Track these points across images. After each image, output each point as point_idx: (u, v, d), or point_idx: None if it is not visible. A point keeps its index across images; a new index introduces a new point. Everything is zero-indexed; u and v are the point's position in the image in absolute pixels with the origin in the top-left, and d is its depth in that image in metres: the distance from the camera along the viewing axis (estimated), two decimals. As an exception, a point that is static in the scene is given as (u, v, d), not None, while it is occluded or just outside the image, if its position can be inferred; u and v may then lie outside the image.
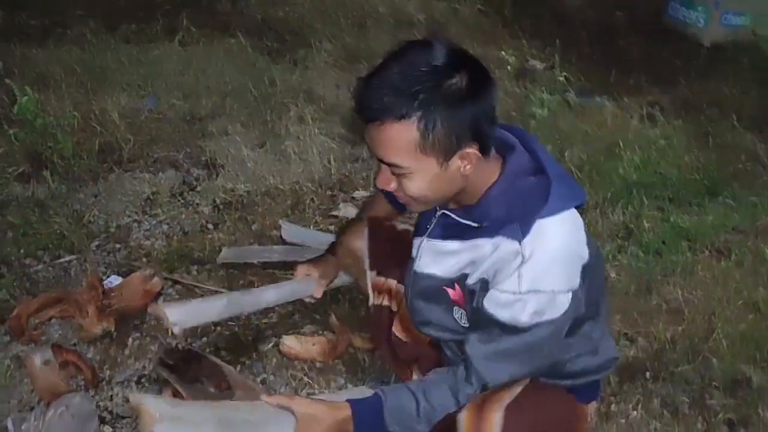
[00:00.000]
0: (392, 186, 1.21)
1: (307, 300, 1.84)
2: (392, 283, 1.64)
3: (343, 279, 1.91)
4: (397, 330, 1.67)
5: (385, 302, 1.67)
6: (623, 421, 1.81)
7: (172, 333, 1.75)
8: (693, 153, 3.06)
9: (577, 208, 1.22)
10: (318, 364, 1.98)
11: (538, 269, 1.15)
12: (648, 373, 1.95)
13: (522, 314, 1.17)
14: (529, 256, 1.15)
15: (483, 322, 1.24)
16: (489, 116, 1.15)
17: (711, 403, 1.88)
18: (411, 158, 1.13)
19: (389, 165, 1.17)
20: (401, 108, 1.09)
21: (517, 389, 1.32)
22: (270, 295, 1.84)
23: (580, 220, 1.23)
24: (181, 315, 1.69)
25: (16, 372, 1.90)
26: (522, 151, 1.24)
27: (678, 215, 2.61)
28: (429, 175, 1.16)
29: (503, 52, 3.76)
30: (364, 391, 1.40)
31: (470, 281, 1.26)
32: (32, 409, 1.69)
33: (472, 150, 1.15)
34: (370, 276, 1.69)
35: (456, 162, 1.16)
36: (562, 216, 1.17)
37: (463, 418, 1.27)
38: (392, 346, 1.69)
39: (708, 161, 3.01)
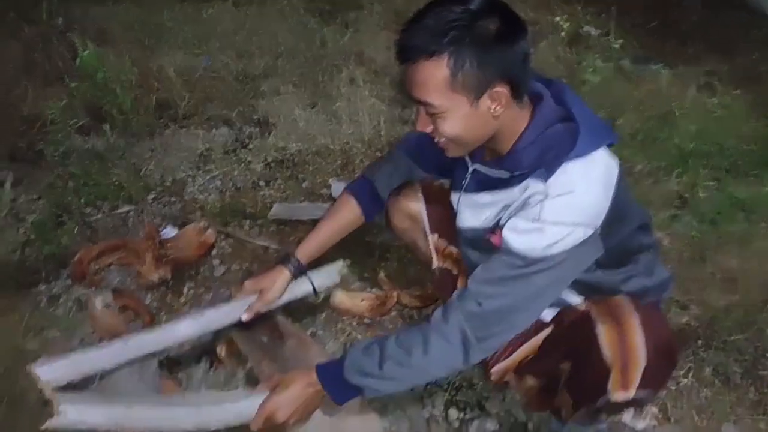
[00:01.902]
0: (429, 128, 1.25)
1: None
2: (453, 249, 1.65)
3: (292, 293, 1.69)
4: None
5: (448, 266, 1.69)
6: (673, 387, 1.80)
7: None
8: (751, 123, 2.97)
9: (608, 146, 1.24)
10: (366, 320, 2.01)
11: (560, 204, 1.18)
12: (700, 341, 1.92)
13: (536, 245, 1.20)
14: (554, 194, 1.19)
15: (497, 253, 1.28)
16: (520, 60, 1.18)
17: (764, 373, 1.85)
18: (442, 96, 1.17)
19: (424, 104, 1.21)
20: (432, 46, 1.14)
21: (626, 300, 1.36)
22: (184, 328, 1.59)
23: (611, 161, 1.24)
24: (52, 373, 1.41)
25: (78, 314, 1.99)
26: (549, 100, 1.26)
27: (734, 186, 2.54)
28: (461, 115, 1.20)
29: (557, 18, 3.68)
30: None
31: (501, 222, 1.30)
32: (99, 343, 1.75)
33: (502, 89, 1.18)
34: (432, 239, 1.70)
35: (486, 102, 1.19)
36: (589, 158, 1.20)
37: (603, 331, 1.30)
38: None
39: (767, 132, 2.91)
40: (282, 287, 1.64)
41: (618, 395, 1.25)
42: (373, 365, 1.30)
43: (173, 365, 1.81)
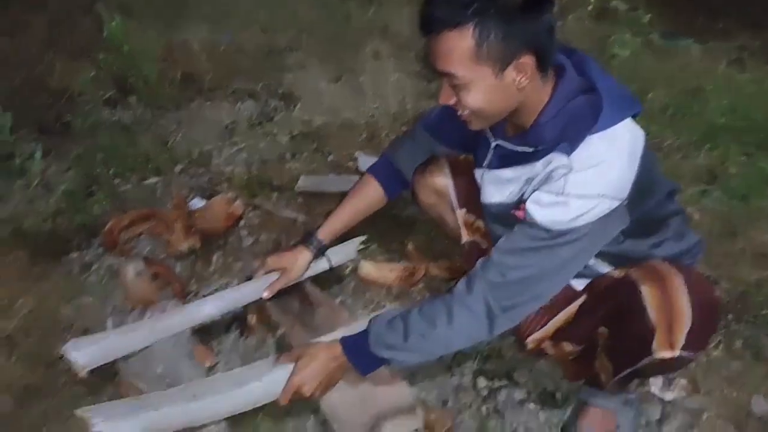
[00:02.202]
0: (452, 101, 1.24)
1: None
2: (482, 223, 1.66)
3: (315, 269, 1.77)
4: None
5: (477, 239, 1.69)
6: (704, 359, 1.79)
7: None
8: (783, 99, 2.92)
9: (633, 117, 1.23)
10: (394, 291, 2.01)
11: (584, 177, 1.18)
12: (730, 316, 1.91)
13: (561, 218, 1.20)
14: (577, 168, 1.18)
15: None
16: (546, 31, 1.16)
17: (795, 348, 1.84)
18: (466, 67, 1.16)
19: (447, 76, 1.20)
20: (456, 17, 1.13)
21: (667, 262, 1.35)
22: (209, 309, 1.68)
23: (638, 131, 1.23)
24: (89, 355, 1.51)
25: (110, 281, 2.01)
26: (572, 72, 1.25)
27: (766, 161, 2.50)
28: (485, 86, 1.19)
29: (585, -8, 3.63)
30: None
31: (525, 197, 1.30)
32: (131, 310, 1.78)
33: (527, 61, 1.17)
34: (460, 214, 1.69)
35: (511, 73, 1.18)
36: (612, 130, 1.19)
37: (647, 292, 1.29)
38: None
39: (799, 108, 2.86)
40: (303, 267, 1.69)
41: (663, 354, 1.25)
42: (397, 338, 1.32)
43: (205, 332, 1.83)
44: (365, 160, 2.51)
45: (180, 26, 3.27)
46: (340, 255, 1.83)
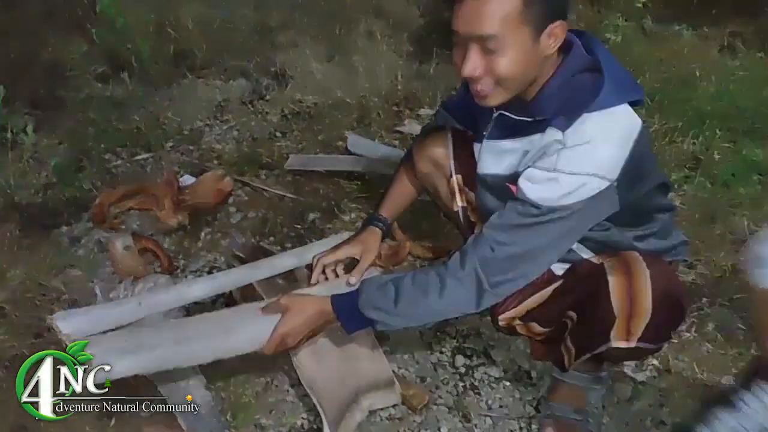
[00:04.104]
0: (479, 71, 1.22)
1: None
2: (473, 196, 1.68)
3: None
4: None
5: (468, 211, 1.71)
6: (675, 341, 1.83)
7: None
8: (772, 87, 2.94)
9: (633, 105, 1.25)
10: (378, 269, 2.05)
11: (576, 154, 1.20)
12: (705, 299, 1.95)
13: (551, 194, 1.23)
14: (570, 144, 1.20)
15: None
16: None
17: None
18: (509, 27, 1.16)
19: (484, 40, 1.18)
20: None
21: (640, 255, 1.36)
22: (197, 291, 1.65)
23: (634, 118, 1.25)
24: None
25: (98, 255, 2.05)
26: (580, 49, 1.26)
27: (751, 148, 2.53)
28: (521, 50, 1.19)
29: (579, -25, 3.62)
30: None
31: (520, 169, 1.32)
32: (120, 282, 1.82)
33: (561, 26, 1.20)
34: (456, 179, 1.69)
35: (545, 39, 1.20)
36: (609, 111, 1.20)
37: (614, 282, 1.32)
38: None
39: (788, 96, 2.88)
40: (377, 245, 1.69)
41: (619, 343, 1.29)
42: (388, 302, 1.35)
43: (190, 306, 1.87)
44: (354, 140, 2.54)
45: (172, 2, 3.27)
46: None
